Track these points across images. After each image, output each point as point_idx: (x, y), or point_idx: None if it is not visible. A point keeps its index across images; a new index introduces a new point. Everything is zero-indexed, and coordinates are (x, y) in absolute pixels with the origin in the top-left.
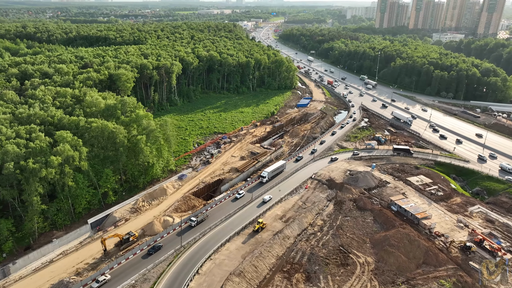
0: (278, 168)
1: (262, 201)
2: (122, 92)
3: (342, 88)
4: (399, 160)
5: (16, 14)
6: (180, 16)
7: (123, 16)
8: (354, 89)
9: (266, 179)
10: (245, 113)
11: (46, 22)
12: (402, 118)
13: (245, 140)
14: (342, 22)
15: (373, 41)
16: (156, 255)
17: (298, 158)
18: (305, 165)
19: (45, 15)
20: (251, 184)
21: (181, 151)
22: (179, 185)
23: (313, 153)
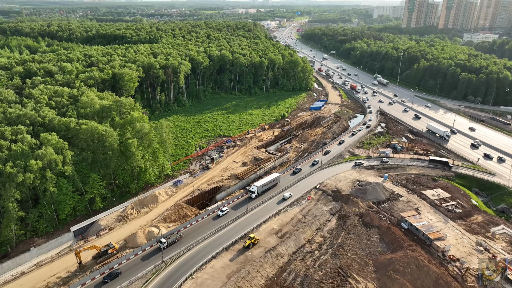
0: (271, 182)
1: (282, 198)
2: (125, 92)
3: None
4: (415, 170)
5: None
6: (205, 15)
7: (149, 15)
8: (368, 89)
9: (256, 194)
10: (255, 115)
11: (73, 21)
12: (438, 132)
13: (250, 145)
14: (368, 21)
15: (398, 41)
16: None
17: (296, 171)
18: (311, 173)
19: (76, 15)
20: (239, 199)
21: (181, 154)
22: (172, 192)
23: (314, 164)
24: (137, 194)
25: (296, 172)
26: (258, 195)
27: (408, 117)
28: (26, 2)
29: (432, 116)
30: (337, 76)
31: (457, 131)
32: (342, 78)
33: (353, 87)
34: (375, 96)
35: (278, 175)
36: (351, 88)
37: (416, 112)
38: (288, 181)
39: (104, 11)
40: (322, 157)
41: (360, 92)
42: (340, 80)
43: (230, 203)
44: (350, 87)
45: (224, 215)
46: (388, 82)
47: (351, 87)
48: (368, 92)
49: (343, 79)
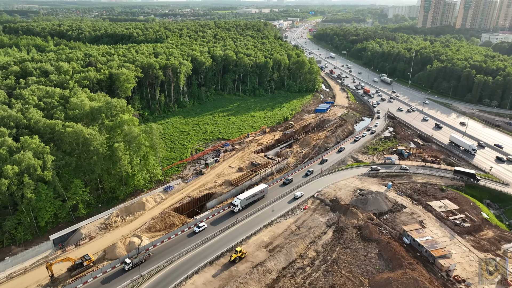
0: (257, 194)
1: (294, 198)
2: (121, 93)
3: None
4: (422, 179)
5: (65, 13)
6: (218, 15)
7: (162, 15)
8: (385, 94)
9: (239, 208)
10: (257, 117)
11: (86, 20)
12: (463, 145)
13: (249, 149)
14: (383, 21)
15: (411, 42)
16: None
17: (286, 182)
18: (309, 180)
19: (91, 14)
20: (220, 213)
21: (176, 158)
22: (161, 199)
23: (307, 175)
24: (125, 200)
25: (286, 183)
26: (241, 208)
27: (428, 126)
28: (45, 2)
29: (452, 125)
30: (350, 80)
31: (485, 144)
32: (356, 81)
33: (366, 92)
34: (391, 102)
35: (266, 187)
36: (364, 92)
37: (438, 121)
38: (278, 193)
39: (119, 11)
40: (319, 166)
41: (373, 97)
42: (353, 83)
43: (209, 217)
44: (364, 92)
45: (201, 231)
46: (392, 80)
47: (365, 91)
48: (386, 98)
49: (356, 82)
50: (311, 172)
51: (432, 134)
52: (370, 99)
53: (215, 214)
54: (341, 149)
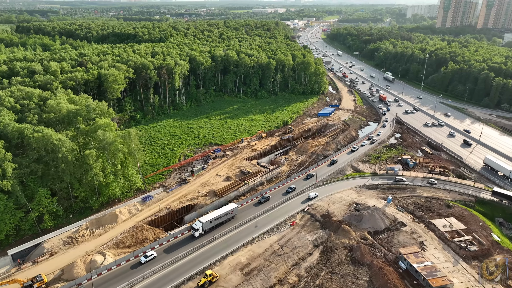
0: (224, 216)
1: (307, 198)
2: (110, 94)
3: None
4: (426, 192)
5: (83, 13)
6: (233, 14)
7: (178, 15)
8: (407, 104)
9: (200, 232)
10: (255, 121)
11: (101, 19)
12: (502, 170)
13: (241, 155)
14: (400, 21)
15: (427, 42)
16: None
17: (262, 200)
18: (302, 191)
19: (108, 14)
20: (177, 238)
21: (163, 164)
22: (137, 210)
23: (288, 192)
24: (99, 210)
25: (262, 202)
26: (203, 233)
27: (455, 143)
28: (67, 2)
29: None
30: (365, 86)
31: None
32: (373, 88)
33: (382, 99)
34: (414, 113)
35: (235, 207)
36: (380, 99)
37: (466, 136)
38: (254, 212)
39: (135, 10)
40: (302, 181)
41: (389, 105)
42: (364, 86)
43: (163, 243)
44: (379, 98)
45: (149, 261)
46: (394, 78)
47: (380, 98)
48: (408, 109)
49: (373, 89)
50: (293, 188)
51: (442, 141)
52: (388, 106)
53: (171, 239)
54: (334, 161)
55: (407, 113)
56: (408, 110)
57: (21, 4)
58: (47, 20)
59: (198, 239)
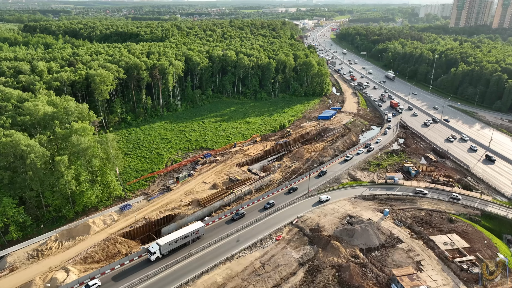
0: (187, 236)
1: (319, 201)
2: (97, 95)
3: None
4: (428, 204)
5: (95, 12)
6: (243, 14)
7: (188, 14)
8: (423, 113)
9: (157, 256)
10: (252, 124)
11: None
12: None
13: (232, 161)
14: (413, 21)
15: (438, 42)
16: None
17: (235, 217)
18: (292, 202)
19: (119, 14)
20: (132, 262)
21: (148, 170)
22: (112, 221)
23: (266, 208)
24: (74, 220)
25: (235, 219)
26: (161, 255)
27: (474, 157)
28: (80, 2)
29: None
30: (374, 90)
31: None
32: (385, 94)
33: (394, 105)
34: (428, 125)
35: (201, 226)
36: (391, 105)
37: (489, 151)
38: (225, 231)
39: (146, 10)
40: (284, 196)
41: (401, 113)
42: (374, 91)
43: (115, 268)
44: (390, 104)
45: None
46: (394, 76)
47: (392, 104)
48: (426, 118)
49: (386, 94)
50: (272, 204)
51: (448, 148)
52: (400, 113)
53: (124, 263)
54: (323, 172)
55: (426, 125)
56: (427, 122)
57: (36, 4)
58: (56, 20)
59: (155, 263)
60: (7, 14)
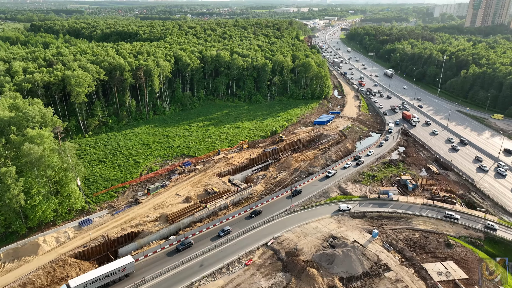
0: (109, 276)
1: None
2: (73, 98)
3: None
4: (424, 224)
5: (108, 12)
6: (254, 14)
7: (199, 14)
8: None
9: None
10: (242, 129)
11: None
12: None
13: (213, 170)
14: (427, 21)
15: (451, 43)
16: None
17: (180, 247)
18: (272, 218)
19: (131, 13)
20: None
21: (120, 179)
22: (67, 238)
23: (220, 236)
24: (27, 236)
25: (180, 250)
26: None
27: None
28: (95, 3)
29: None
30: (383, 98)
31: None
32: (396, 104)
33: (407, 117)
34: (457, 149)
35: (129, 262)
36: (404, 117)
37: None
38: (163, 266)
39: (158, 9)
40: (248, 220)
41: (415, 126)
42: (385, 101)
43: None
44: (402, 116)
45: None
46: (392, 74)
47: (404, 116)
48: (449, 137)
49: (401, 104)
50: (227, 231)
51: (451, 159)
52: (413, 126)
53: None
54: (296, 192)
55: (454, 150)
56: (453, 142)
57: (52, 4)
58: (65, 19)
59: None
60: (20, 13)
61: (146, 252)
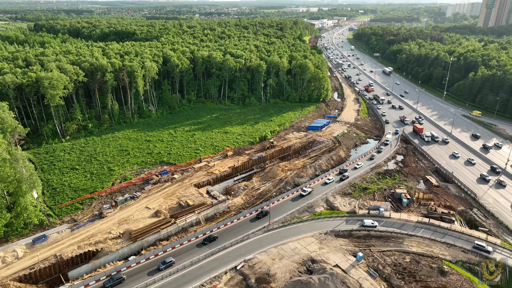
0: None
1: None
2: (48, 101)
3: None
4: (416, 246)
5: (117, 12)
6: (263, 14)
7: (208, 14)
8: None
9: None
10: (230, 134)
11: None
12: None
13: (190, 180)
14: (439, 21)
15: (461, 43)
16: None
17: (107, 286)
18: (246, 237)
19: (140, 13)
20: None
21: (89, 189)
22: (15, 258)
23: (160, 269)
24: None
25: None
26: None
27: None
28: (107, 3)
29: None
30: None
31: None
32: (407, 115)
33: (418, 131)
34: (497, 175)
35: None
36: (415, 131)
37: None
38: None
39: (167, 9)
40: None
41: (428, 142)
42: (394, 111)
43: None
44: (413, 129)
45: None
46: (390, 71)
47: (415, 129)
48: (469, 158)
49: (412, 113)
50: (168, 264)
51: (453, 171)
52: (425, 142)
53: None
54: (262, 213)
55: (485, 180)
56: (489, 179)
57: (64, 5)
58: (69, 19)
59: None
60: (30, 13)
61: None
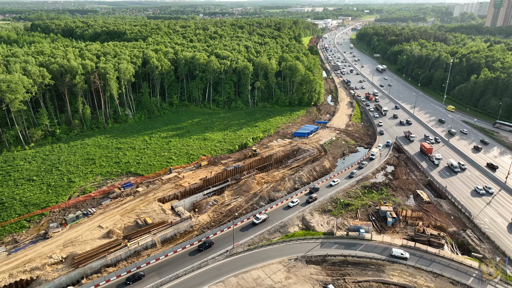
0: None
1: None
2: (5, 105)
3: None
4: (399, 275)
5: (121, 12)
6: (267, 13)
7: (211, 14)
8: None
9: None
10: (209, 141)
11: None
12: None
13: (155, 194)
14: (446, 20)
15: (465, 44)
16: None
17: None
18: (205, 263)
19: (144, 13)
20: None
21: (41, 204)
22: None
23: None
24: None
25: None
26: None
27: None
28: (113, 3)
29: None
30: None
31: None
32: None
33: (426, 151)
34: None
35: None
36: (422, 151)
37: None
38: None
39: (171, 9)
40: None
41: (437, 165)
42: (396, 123)
43: None
44: (421, 149)
45: None
46: (383, 69)
47: (423, 149)
48: (485, 186)
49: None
50: None
51: (446, 185)
52: (436, 161)
53: None
54: (205, 245)
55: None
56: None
57: (71, 5)
58: (67, 18)
59: None
60: (33, 13)
61: None
